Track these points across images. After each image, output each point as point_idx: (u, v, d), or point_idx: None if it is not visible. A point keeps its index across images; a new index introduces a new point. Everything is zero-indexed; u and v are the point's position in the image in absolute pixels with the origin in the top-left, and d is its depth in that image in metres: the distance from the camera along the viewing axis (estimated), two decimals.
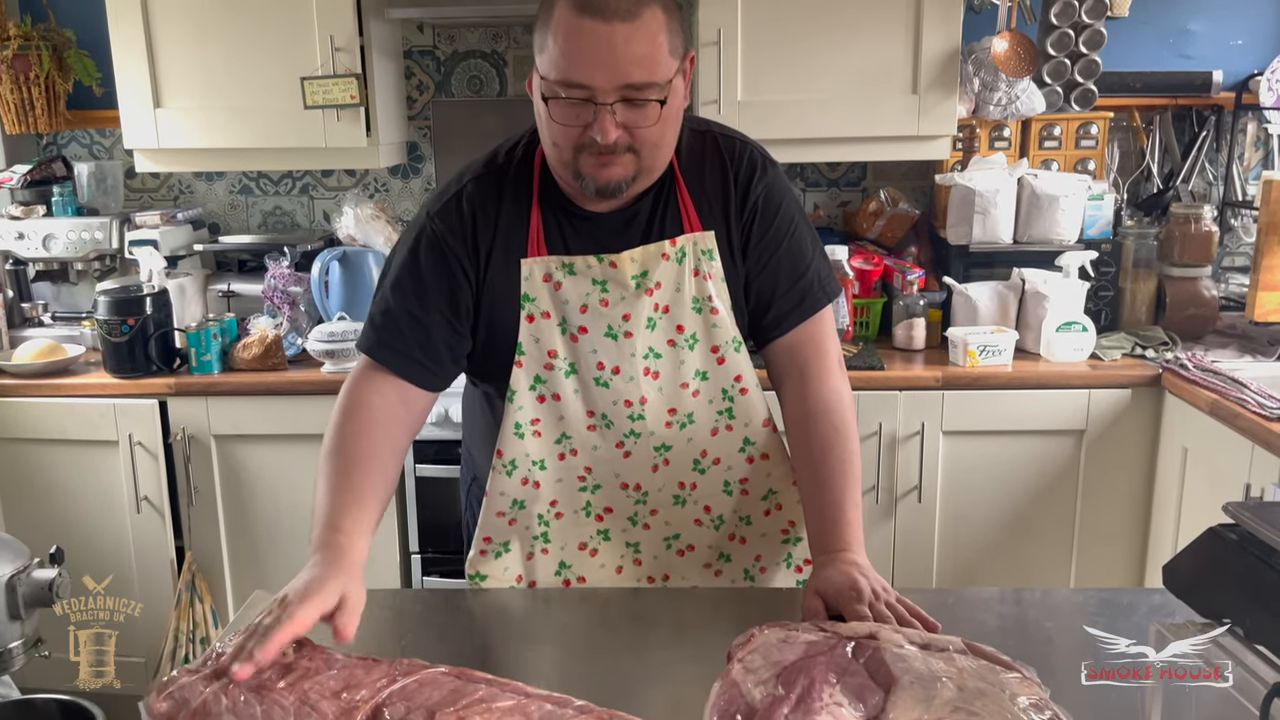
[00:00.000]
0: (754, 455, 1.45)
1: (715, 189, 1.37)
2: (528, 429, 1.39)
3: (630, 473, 1.42)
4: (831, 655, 0.98)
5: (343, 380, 2.38)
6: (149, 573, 2.67)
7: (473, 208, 1.34)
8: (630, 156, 1.24)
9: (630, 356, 1.36)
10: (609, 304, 1.34)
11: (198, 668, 1.05)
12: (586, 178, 1.25)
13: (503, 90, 3.11)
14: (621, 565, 1.49)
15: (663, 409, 1.39)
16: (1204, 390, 2.29)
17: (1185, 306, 2.75)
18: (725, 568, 1.51)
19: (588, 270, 1.34)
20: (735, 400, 1.42)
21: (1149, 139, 3.03)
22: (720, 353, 1.39)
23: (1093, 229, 2.76)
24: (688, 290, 1.36)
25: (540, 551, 1.46)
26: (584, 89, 1.18)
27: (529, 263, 1.33)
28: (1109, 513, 2.58)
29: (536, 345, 1.36)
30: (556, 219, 1.35)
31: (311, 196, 3.20)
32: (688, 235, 1.35)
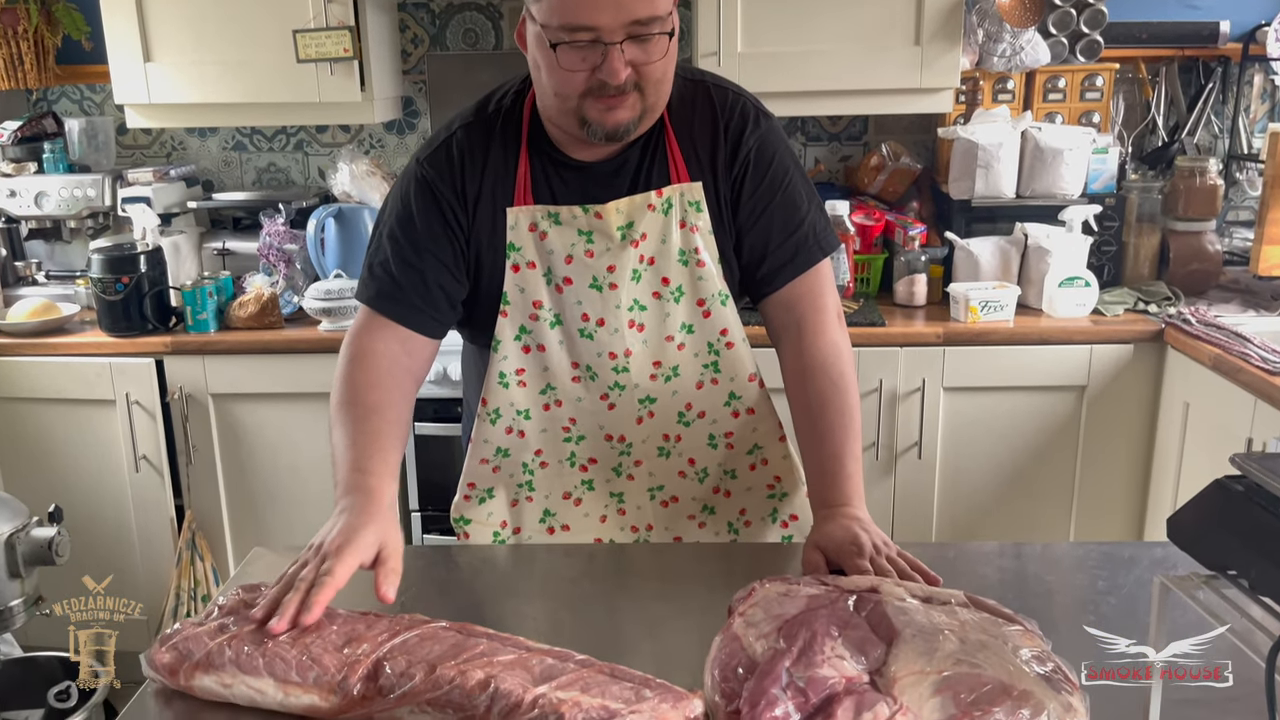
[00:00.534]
0: (739, 410, 1.45)
1: (705, 140, 1.35)
2: (512, 379, 1.39)
3: (614, 424, 1.42)
4: (833, 609, 0.97)
5: (341, 338, 2.36)
6: (149, 531, 2.67)
7: (461, 154, 1.33)
8: (635, 96, 1.23)
9: (615, 309, 1.35)
10: (594, 255, 1.34)
11: (201, 621, 1.05)
12: (593, 123, 1.24)
13: (498, 43, 3.06)
14: (605, 515, 1.49)
15: (647, 362, 1.39)
16: (1207, 345, 2.28)
17: (1189, 261, 2.73)
18: (709, 520, 1.51)
19: (573, 220, 1.33)
20: (721, 354, 1.41)
21: (1155, 91, 2.98)
22: (706, 306, 1.38)
23: (1096, 183, 2.73)
24: (674, 242, 1.35)
25: (525, 499, 1.47)
26: (590, 30, 1.16)
27: (515, 212, 1.33)
28: (1109, 468, 2.58)
29: (522, 295, 1.35)
30: (544, 168, 1.34)
31: (306, 153, 3.16)
32: (675, 186, 1.34)
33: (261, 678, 0.96)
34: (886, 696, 0.85)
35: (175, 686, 1.00)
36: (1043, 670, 0.90)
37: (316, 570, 1.06)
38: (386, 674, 0.93)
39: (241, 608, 1.07)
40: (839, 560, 1.18)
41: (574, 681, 0.88)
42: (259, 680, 0.96)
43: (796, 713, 0.84)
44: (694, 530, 1.50)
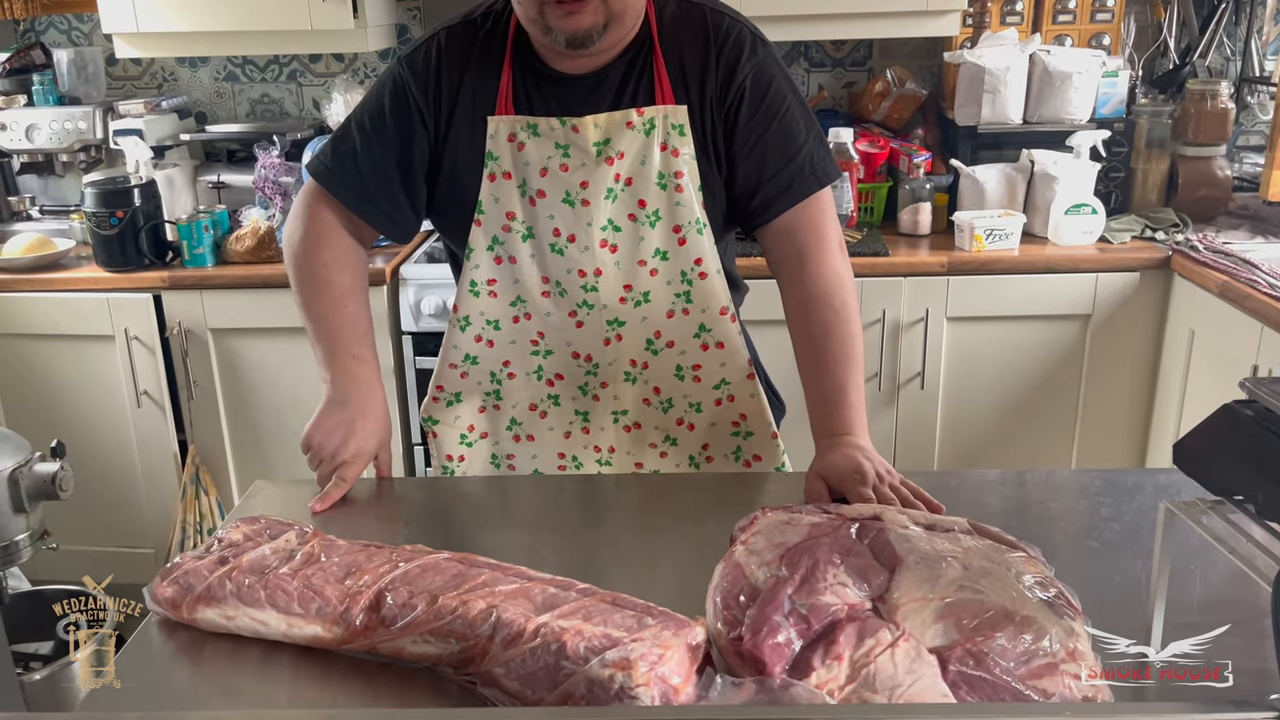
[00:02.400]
0: (709, 342, 1.43)
1: (695, 64, 1.32)
2: (483, 288, 1.39)
3: (581, 343, 1.42)
4: (835, 536, 0.97)
5: None
6: (152, 466, 2.68)
7: (440, 58, 1.33)
8: (597, 2, 1.21)
9: (587, 226, 1.34)
10: (569, 169, 1.32)
11: (201, 554, 1.05)
12: (555, 29, 1.22)
13: None
14: (570, 431, 1.49)
15: (618, 284, 1.38)
16: (1214, 272, 2.25)
17: (1198, 187, 2.69)
18: (671, 451, 1.50)
19: (550, 132, 1.31)
20: (694, 284, 1.39)
21: (1166, 12, 2.91)
22: (682, 233, 1.36)
23: (1105, 107, 2.67)
24: (654, 164, 1.32)
25: (493, 407, 1.49)
26: None
27: (495, 121, 1.32)
28: (1112, 397, 2.57)
29: (496, 205, 1.35)
30: (525, 79, 1.33)
31: (300, 83, 3.10)
32: (659, 107, 1.31)
33: (264, 610, 0.96)
34: (889, 623, 0.85)
35: (178, 619, 1.00)
36: (1045, 596, 0.90)
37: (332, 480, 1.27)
38: (389, 604, 0.93)
39: (242, 540, 1.07)
40: (841, 489, 1.18)
41: (576, 610, 0.88)
42: (261, 612, 0.96)
43: (799, 639, 0.84)
44: (655, 459, 1.50)
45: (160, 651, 1.00)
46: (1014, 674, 0.81)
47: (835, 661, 0.81)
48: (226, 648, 0.98)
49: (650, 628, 0.85)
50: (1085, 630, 0.87)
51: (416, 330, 2.54)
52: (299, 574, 0.99)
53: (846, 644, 0.83)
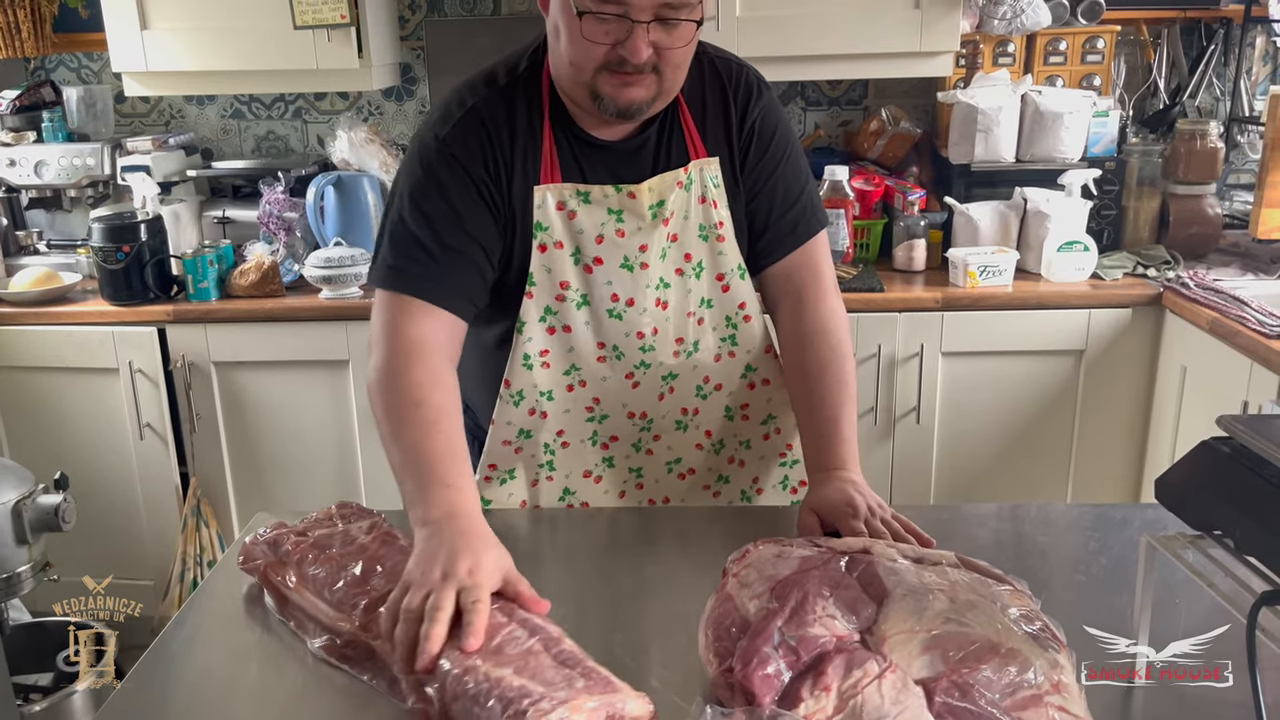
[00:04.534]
0: (755, 381, 1.46)
1: (717, 113, 1.35)
2: (536, 360, 1.37)
3: (637, 402, 1.42)
4: (825, 569, 0.99)
5: (341, 306, 2.37)
6: (154, 498, 2.69)
7: (484, 129, 1.27)
8: (653, 78, 1.21)
9: (645, 288, 1.35)
10: (625, 234, 1.31)
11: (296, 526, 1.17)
12: (605, 99, 1.22)
13: (496, 9, 3.03)
14: (624, 490, 1.50)
15: (671, 338, 1.39)
16: (1204, 309, 2.28)
17: (1189, 225, 2.73)
18: (723, 489, 1.53)
19: (604, 200, 1.31)
20: (739, 327, 1.42)
21: (1156, 53, 2.97)
22: (725, 280, 1.39)
23: (1097, 146, 2.72)
24: (695, 218, 1.35)
25: (545, 479, 1.46)
26: (619, 5, 1.15)
27: (542, 190, 1.29)
28: (1106, 432, 2.59)
29: (548, 276, 1.32)
30: (569, 145, 1.31)
31: (305, 120, 3.15)
32: (696, 162, 1.34)
33: (306, 584, 1.06)
34: (876, 654, 0.87)
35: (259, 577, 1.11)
36: (1031, 629, 0.91)
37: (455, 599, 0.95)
38: (380, 614, 0.97)
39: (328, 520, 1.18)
40: (834, 522, 1.20)
41: (514, 659, 0.88)
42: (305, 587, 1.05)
43: (788, 671, 0.86)
44: (708, 500, 1.52)
45: None
46: (999, 705, 0.83)
47: (823, 692, 0.83)
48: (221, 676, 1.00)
49: (575, 688, 0.83)
50: (1070, 663, 0.89)
51: None
52: (345, 561, 1.05)
53: (834, 675, 0.84)
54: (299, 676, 1.01)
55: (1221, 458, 0.90)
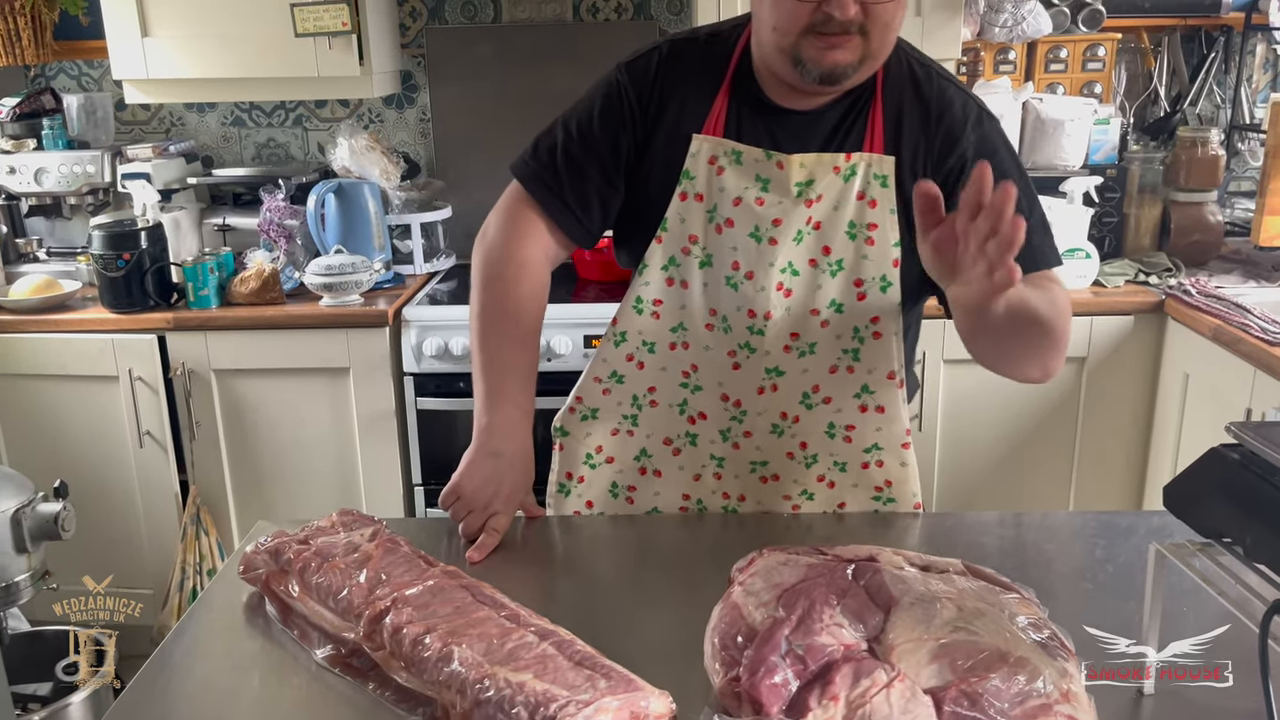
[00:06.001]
0: (869, 405, 1.37)
1: (913, 121, 1.27)
2: (648, 306, 1.36)
3: (734, 387, 1.37)
4: (832, 577, 0.98)
5: (341, 314, 2.37)
6: (154, 506, 2.68)
7: (661, 67, 1.32)
8: (859, 40, 1.17)
9: (769, 265, 1.29)
10: (764, 204, 1.28)
11: (296, 534, 1.16)
12: (808, 63, 1.18)
13: (497, 16, 3.04)
14: (700, 474, 1.45)
15: (785, 331, 1.32)
16: (1207, 316, 2.28)
17: (1190, 232, 2.73)
18: (805, 504, 1.45)
19: (754, 164, 1.28)
20: (865, 342, 1.33)
21: (1157, 61, 2.97)
22: (864, 287, 1.30)
23: (1098, 154, 2.72)
24: (847, 211, 1.28)
25: (626, 432, 1.45)
26: None
27: (700, 139, 1.29)
28: (1108, 439, 2.59)
29: (681, 225, 1.32)
30: (739, 107, 1.30)
31: (305, 128, 3.15)
32: (864, 154, 1.27)
33: (310, 592, 1.05)
34: (884, 663, 0.86)
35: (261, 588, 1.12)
36: (1039, 637, 0.91)
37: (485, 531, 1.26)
38: (385, 624, 0.97)
39: (329, 528, 1.17)
40: None
41: (532, 664, 0.88)
42: (309, 595, 1.05)
43: (795, 680, 0.85)
44: (786, 510, 1.45)
45: None
46: (1008, 715, 0.82)
47: (831, 702, 0.82)
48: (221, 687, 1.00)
49: (598, 689, 0.84)
50: (1079, 672, 0.88)
51: (418, 371, 2.56)
52: (349, 569, 1.05)
53: (842, 684, 0.84)
54: (303, 687, 1.00)
55: (1231, 465, 0.90)
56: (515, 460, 1.30)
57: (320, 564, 1.06)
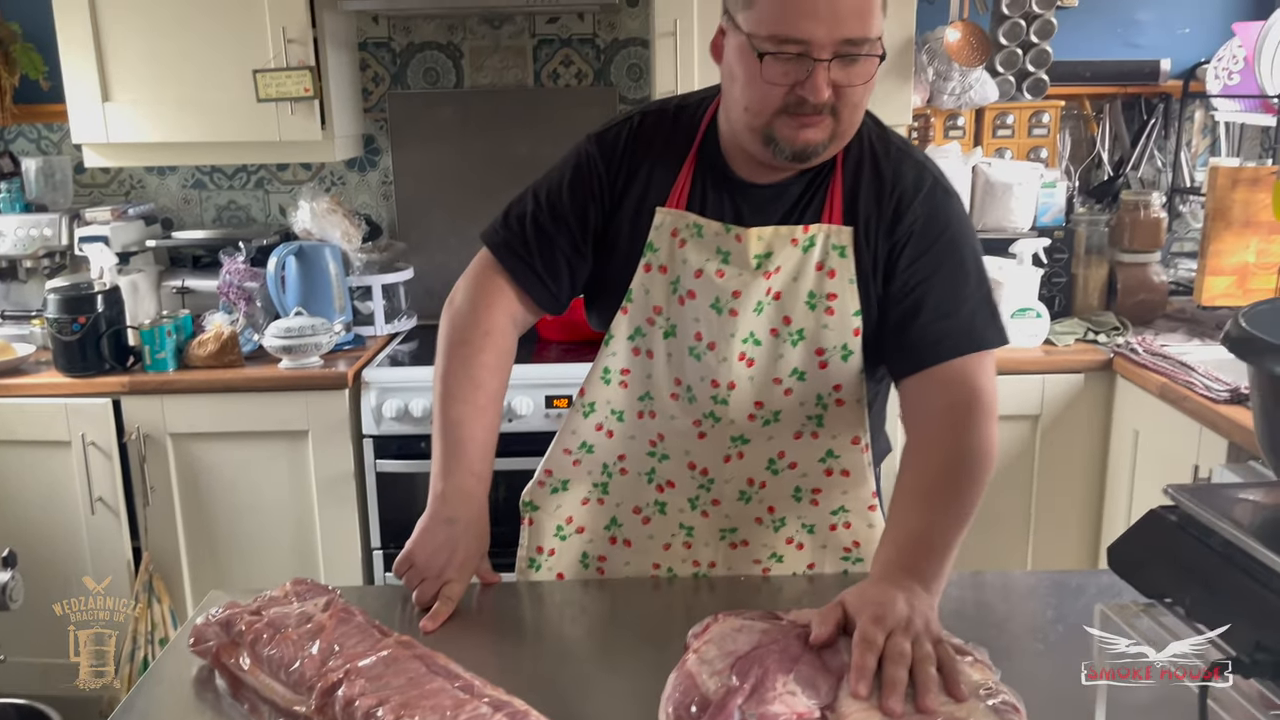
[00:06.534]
0: (834, 469, 1.39)
1: (870, 191, 1.29)
2: (615, 376, 1.38)
3: (701, 455, 1.39)
4: (786, 643, 0.99)
5: (301, 376, 2.37)
6: (105, 574, 2.61)
7: (632, 139, 1.35)
8: (829, 119, 1.19)
9: (730, 336, 1.31)
10: (724, 275, 1.30)
11: (248, 605, 1.13)
12: (781, 142, 1.20)
13: (459, 82, 3.08)
14: (670, 543, 1.46)
15: (749, 400, 1.34)
16: (1153, 374, 2.34)
17: (1136, 292, 2.80)
18: (775, 567, 1.46)
19: (714, 237, 1.31)
20: (829, 409, 1.35)
21: (1099, 127, 3.07)
22: (825, 356, 1.32)
23: (1046, 216, 2.80)
24: (806, 282, 1.29)
25: (597, 500, 1.47)
26: (800, 44, 1.13)
27: (663, 212, 1.33)
28: (1064, 496, 2.62)
29: (645, 296, 1.35)
30: (704, 178, 1.32)
31: (266, 190, 3.17)
32: (822, 225, 1.29)
33: (261, 665, 1.03)
34: None
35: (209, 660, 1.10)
36: (991, 702, 0.92)
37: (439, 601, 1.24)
38: (337, 696, 0.96)
39: (282, 597, 1.14)
40: (855, 617, 1.00)
41: None
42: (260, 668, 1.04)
43: None
44: (757, 574, 1.45)
45: None
46: None
47: None
48: None
49: None
50: None
51: (378, 434, 2.55)
52: (301, 640, 1.04)
53: None
54: None
55: (1169, 526, 0.92)
56: (470, 527, 1.30)
57: (272, 635, 1.05)
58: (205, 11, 2.64)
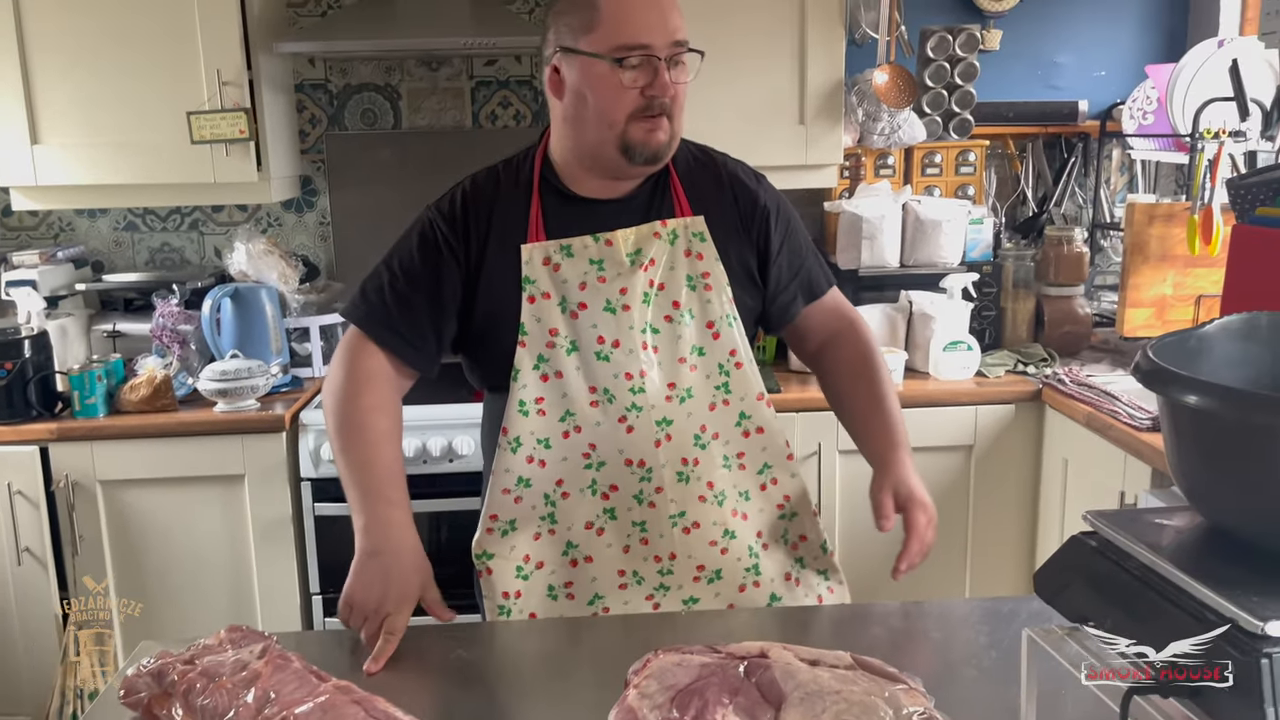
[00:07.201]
0: (749, 429, 1.52)
1: (708, 187, 1.52)
2: (532, 406, 1.44)
3: (634, 448, 1.46)
4: (724, 676, 1.00)
5: (236, 420, 2.37)
6: (32, 628, 2.55)
7: (466, 200, 1.47)
8: (667, 121, 1.39)
9: (629, 330, 1.43)
10: (606, 280, 1.44)
11: (181, 654, 1.11)
12: (636, 146, 1.38)
13: (397, 123, 3.09)
14: (628, 545, 1.50)
15: (663, 383, 1.46)
16: (1080, 404, 2.41)
17: (1062, 324, 2.89)
18: (731, 545, 1.52)
19: (584, 250, 1.44)
20: (731, 374, 1.49)
21: (1023, 165, 3.18)
22: (715, 328, 1.48)
23: (974, 252, 2.88)
24: (682, 269, 1.46)
25: (547, 532, 1.49)
26: (644, 48, 1.35)
27: (529, 248, 1.44)
28: (999, 524, 2.68)
29: (538, 325, 1.43)
30: (555, 206, 1.46)
31: (201, 232, 3.13)
32: (679, 219, 1.48)
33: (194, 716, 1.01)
34: None
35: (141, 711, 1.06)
36: None
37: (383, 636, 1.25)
38: None
39: (216, 645, 1.12)
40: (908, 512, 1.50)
41: None
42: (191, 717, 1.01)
43: None
44: (716, 556, 1.52)
45: None
46: None
47: None
48: None
49: None
50: None
51: (316, 476, 2.52)
52: (236, 689, 1.02)
53: None
54: None
55: (1089, 551, 0.96)
56: (400, 556, 1.33)
57: (206, 685, 1.03)
58: (138, 53, 2.62)
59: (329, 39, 2.76)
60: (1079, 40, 3.17)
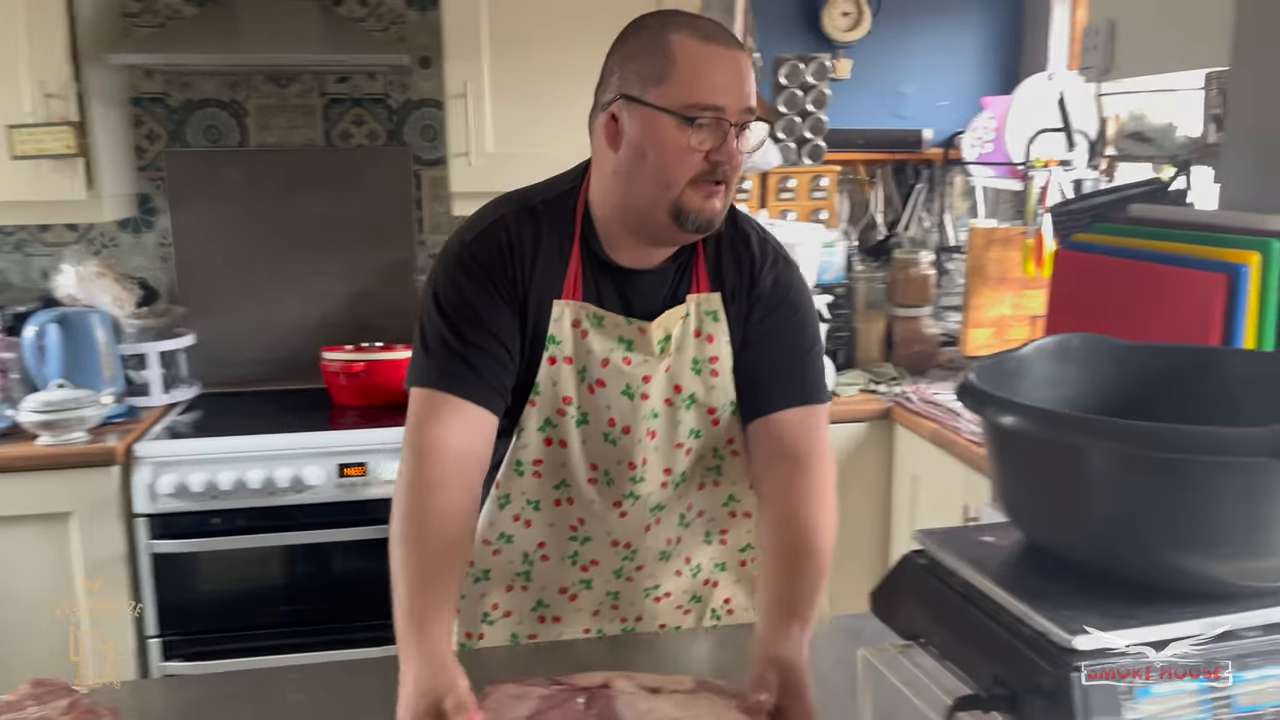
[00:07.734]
0: (737, 511, 1.48)
1: (730, 260, 1.37)
2: (529, 468, 1.38)
3: (623, 531, 1.42)
4: (564, 709, 0.98)
5: (62, 454, 2.22)
6: None
7: (510, 240, 1.31)
8: (723, 189, 1.24)
9: (641, 418, 1.36)
10: (631, 364, 1.34)
11: None
12: (691, 213, 1.23)
13: (244, 140, 2.97)
14: (599, 609, 1.49)
15: (659, 469, 1.40)
16: (926, 421, 2.49)
17: (911, 343, 2.99)
18: (695, 608, 1.53)
19: (615, 328, 1.33)
20: (725, 459, 1.43)
21: (873, 190, 3.29)
22: (716, 414, 1.39)
23: (828, 274, 2.95)
24: (689, 351, 1.36)
25: (520, 588, 1.46)
26: (717, 110, 1.20)
27: (561, 305, 1.32)
28: (854, 542, 2.73)
29: (553, 389, 1.34)
30: (592, 268, 1.34)
31: (26, 254, 2.93)
32: (695, 295, 1.36)
33: None
34: None
35: None
36: None
37: None
38: None
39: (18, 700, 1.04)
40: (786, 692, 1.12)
41: None
42: None
43: None
44: (679, 616, 1.52)
45: None
46: None
47: None
48: None
49: None
50: None
51: (153, 512, 2.38)
52: None
53: None
54: None
55: (919, 569, 0.98)
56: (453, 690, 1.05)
57: None
58: None
59: (166, 51, 2.63)
60: (923, 71, 3.30)
